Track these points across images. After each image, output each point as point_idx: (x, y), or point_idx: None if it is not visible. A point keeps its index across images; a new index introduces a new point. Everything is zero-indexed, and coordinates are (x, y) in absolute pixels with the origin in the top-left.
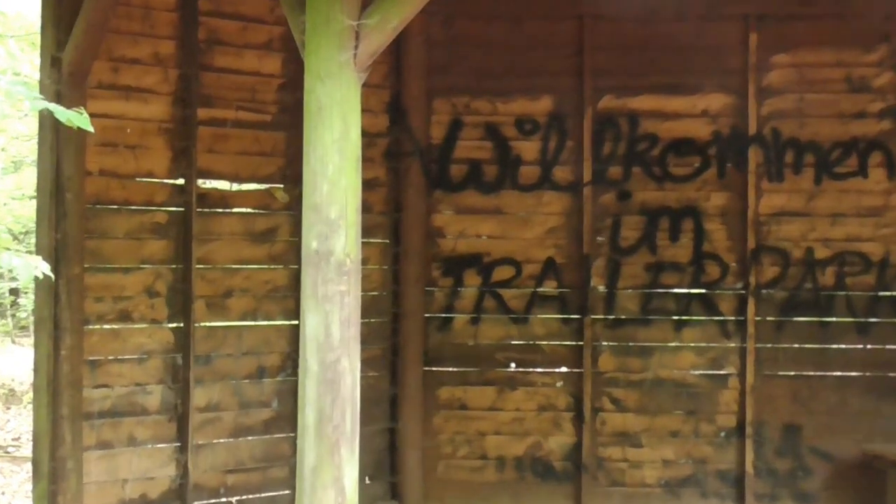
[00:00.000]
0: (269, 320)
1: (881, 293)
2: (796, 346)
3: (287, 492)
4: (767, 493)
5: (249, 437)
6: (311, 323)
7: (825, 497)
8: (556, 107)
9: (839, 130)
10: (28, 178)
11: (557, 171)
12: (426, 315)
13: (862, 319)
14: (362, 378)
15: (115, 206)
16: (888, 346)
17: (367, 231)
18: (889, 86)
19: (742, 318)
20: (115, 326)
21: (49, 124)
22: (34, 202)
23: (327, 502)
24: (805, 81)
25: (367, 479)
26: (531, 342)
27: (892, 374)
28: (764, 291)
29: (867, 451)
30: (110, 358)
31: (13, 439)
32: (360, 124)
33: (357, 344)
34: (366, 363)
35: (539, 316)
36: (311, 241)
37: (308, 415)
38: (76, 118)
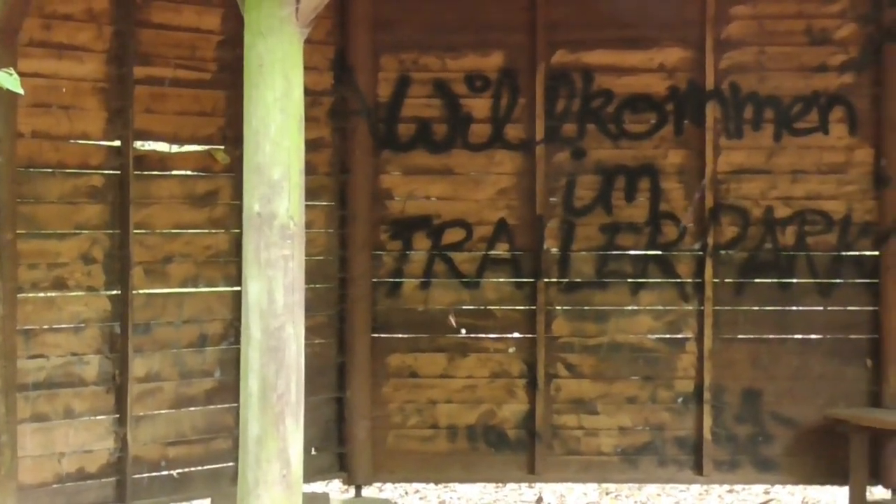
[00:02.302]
0: (210, 287)
1: (843, 253)
2: (756, 308)
3: (231, 464)
4: (727, 459)
5: (191, 408)
6: (254, 289)
7: (786, 463)
8: (507, 62)
9: (800, 85)
10: None
11: (509, 129)
12: (374, 280)
13: (823, 280)
14: (308, 346)
15: (49, 170)
16: (850, 308)
17: (311, 193)
18: (851, 38)
19: (700, 280)
20: (50, 294)
21: None
22: None
23: (272, 475)
24: (765, 33)
25: (313, 450)
26: (483, 307)
27: (854, 337)
28: (722, 252)
29: (829, 416)
30: (45, 327)
31: None
32: (304, 82)
33: (302, 310)
34: (311, 330)
35: (491, 280)
36: (252, 204)
37: (251, 384)
38: (6, 80)
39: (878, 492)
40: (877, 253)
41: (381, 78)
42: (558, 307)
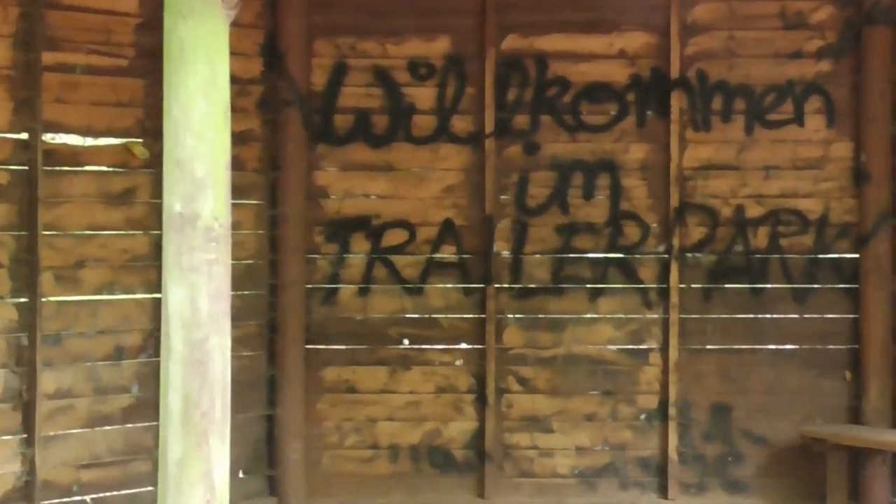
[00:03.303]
0: (128, 294)
1: (820, 256)
2: (725, 316)
3: (150, 488)
4: (694, 482)
5: (106, 427)
6: (175, 296)
7: (759, 485)
8: (454, 48)
9: (773, 73)
10: None
11: (456, 121)
12: (308, 286)
13: (799, 286)
14: (235, 358)
15: None
16: (828, 316)
17: (239, 191)
18: (828, 22)
19: (665, 285)
20: None
21: None
22: None
23: (195, 500)
24: (735, 17)
25: (241, 473)
26: (427, 315)
27: (832, 347)
28: (689, 255)
29: (805, 434)
30: None
31: None
32: (230, 69)
33: (228, 320)
34: (239, 342)
35: (436, 286)
36: (173, 203)
37: (172, 401)
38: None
39: None
40: (856, 256)
41: (315, 65)
42: (510, 315)
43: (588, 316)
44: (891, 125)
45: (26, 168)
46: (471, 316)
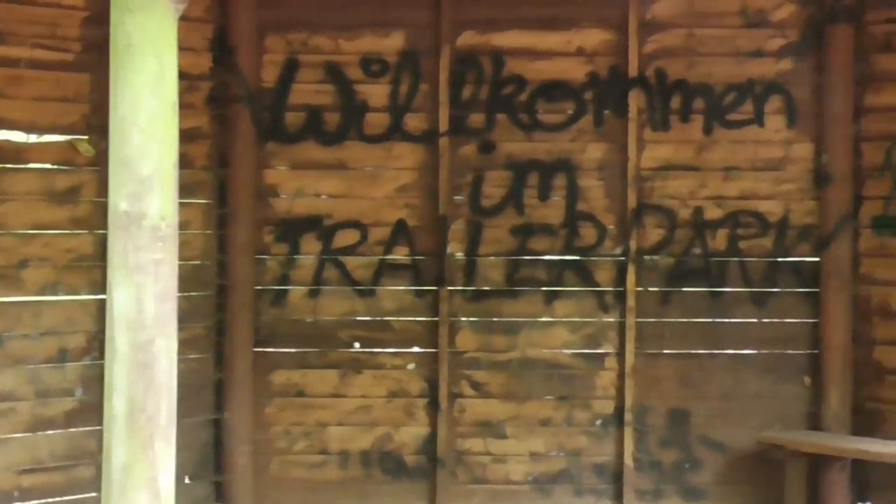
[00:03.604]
0: (72, 295)
1: (780, 259)
2: (683, 320)
3: (94, 494)
4: (650, 488)
5: (49, 432)
6: (121, 297)
7: (717, 492)
8: (408, 44)
9: (733, 71)
10: None
11: (410, 118)
12: (257, 287)
13: (758, 289)
14: (182, 361)
15: None
16: (787, 320)
17: (186, 190)
18: (790, 20)
19: (621, 288)
20: None
21: None
22: None
23: None
24: (695, 14)
25: (187, 478)
26: (379, 318)
27: (791, 352)
28: (647, 258)
29: (764, 440)
30: None
31: None
32: (178, 64)
33: (174, 321)
34: (186, 344)
35: (388, 288)
36: (119, 202)
37: (117, 404)
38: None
39: None
40: (817, 259)
41: (266, 60)
42: (463, 318)
43: (543, 319)
44: (852, 126)
45: None
46: (423, 319)
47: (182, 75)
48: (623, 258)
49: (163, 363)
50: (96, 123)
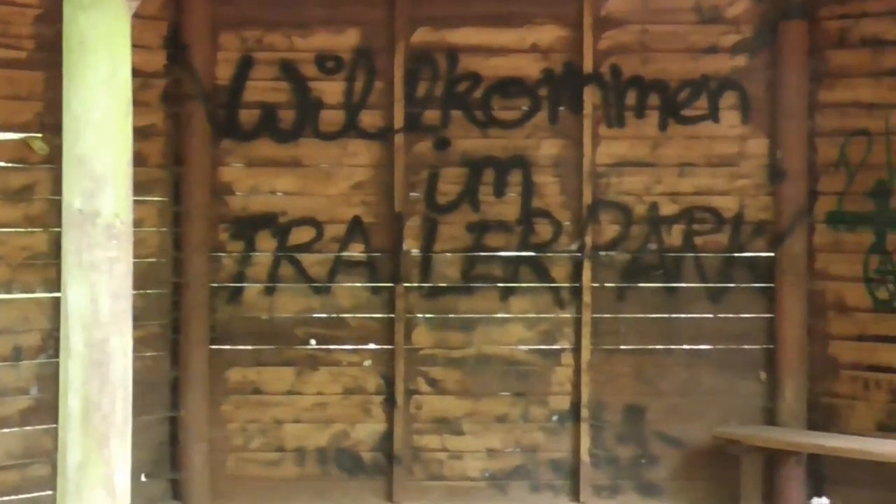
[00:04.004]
0: (26, 293)
1: (735, 254)
2: (639, 315)
3: (49, 492)
4: (606, 484)
5: (4, 430)
6: (75, 295)
7: (673, 488)
8: (363, 41)
9: (688, 67)
10: None
11: (365, 115)
12: (212, 285)
13: (713, 285)
14: (137, 359)
15: None
16: (743, 315)
17: (141, 187)
18: (744, 16)
19: (577, 284)
20: None
21: None
22: None
23: None
24: (649, 11)
25: (143, 476)
26: (335, 315)
27: (747, 347)
28: (602, 254)
29: (719, 435)
30: None
31: None
32: (132, 62)
33: (129, 319)
34: (141, 342)
35: (344, 285)
36: (73, 200)
37: (72, 403)
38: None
39: None
40: (772, 254)
41: (220, 58)
42: (419, 315)
43: (499, 315)
44: (807, 121)
45: None
46: (379, 315)
47: (136, 73)
48: (579, 254)
49: (118, 361)
50: (50, 121)
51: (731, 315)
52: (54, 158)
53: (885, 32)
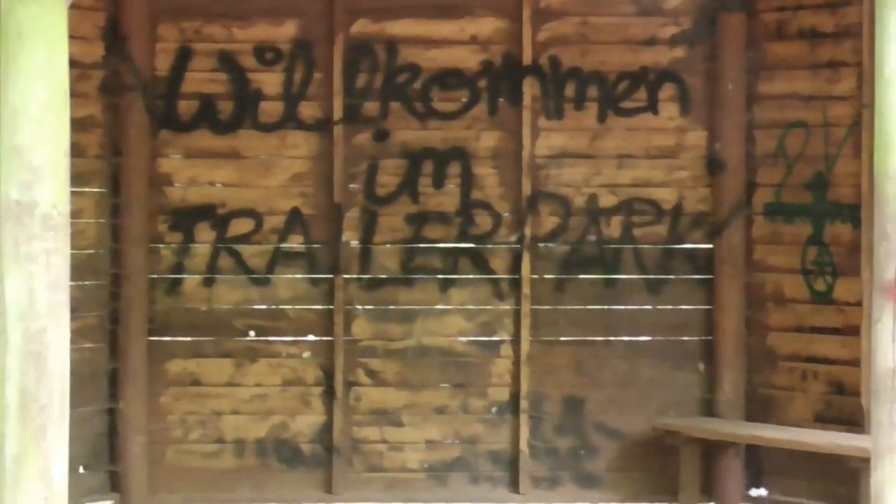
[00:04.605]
0: None
1: (674, 246)
2: (578, 307)
3: None
4: (546, 475)
5: None
6: (12, 287)
7: (612, 479)
8: (301, 32)
9: (627, 59)
10: None
11: (304, 107)
12: (151, 276)
13: (652, 276)
14: (75, 350)
15: None
16: (681, 307)
17: (79, 178)
18: (683, 8)
19: (516, 276)
20: None
21: None
22: None
23: (32, 497)
24: (588, 2)
25: (81, 468)
26: (274, 306)
27: (686, 339)
28: (541, 245)
29: (658, 427)
30: None
31: None
32: (70, 53)
33: (67, 311)
34: (79, 333)
35: (283, 276)
36: (10, 191)
37: (9, 394)
38: None
39: None
40: (710, 246)
41: (159, 49)
42: (359, 306)
43: (439, 307)
44: (745, 113)
45: None
46: (319, 307)
47: (74, 64)
48: (518, 246)
49: (55, 353)
50: None
51: (669, 307)
52: None
53: (823, 24)
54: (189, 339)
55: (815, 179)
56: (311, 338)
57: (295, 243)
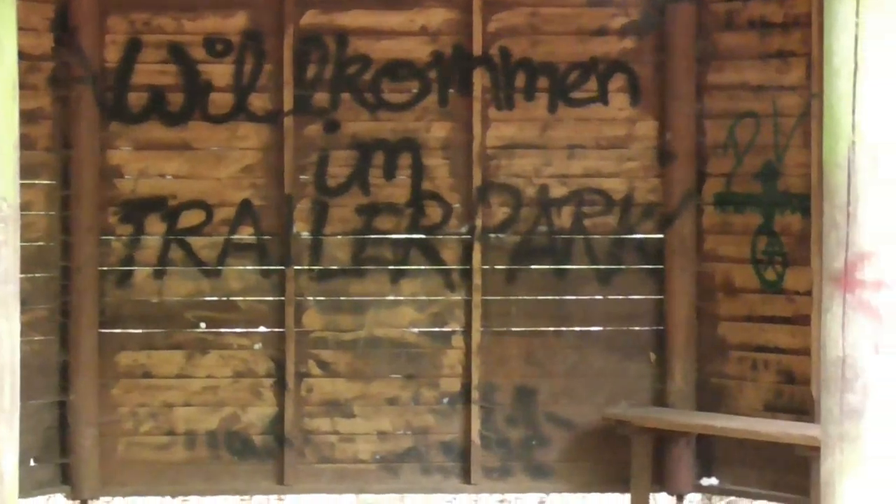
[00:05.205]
0: None
1: (624, 236)
2: (529, 297)
3: None
4: (497, 466)
5: None
6: None
7: (563, 470)
8: (251, 24)
9: (577, 50)
10: None
11: (254, 98)
12: (101, 268)
13: (603, 266)
14: (25, 343)
15: None
16: (632, 297)
17: (28, 171)
18: None
19: (467, 266)
20: None
21: None
22: None
23: None
24: None
25: (31, 461)
26: (225, 298)
27: (636, 329)
28: (492, 236)
29: (609, 417)
30: None
31: None
32: (19, 45)
33: (17, 303)
34: (29, 326)
35: (234, 268)
36: None
37: None
38: None
39: (661, 499)
40: (661, 236)
41: (108, 41)
42: (310, 298)
43: (390, 298)
44: (695, 104)
45: None
46: (270, 298)
47: (22, 56)
48: (469, 236)
49: (5, 346)
50: None
51: (620, 296)
52: None
53: (772, 15)
54: (140, 331)
55: (765, 169)
56: (262, 329)
57: (245, 235)
